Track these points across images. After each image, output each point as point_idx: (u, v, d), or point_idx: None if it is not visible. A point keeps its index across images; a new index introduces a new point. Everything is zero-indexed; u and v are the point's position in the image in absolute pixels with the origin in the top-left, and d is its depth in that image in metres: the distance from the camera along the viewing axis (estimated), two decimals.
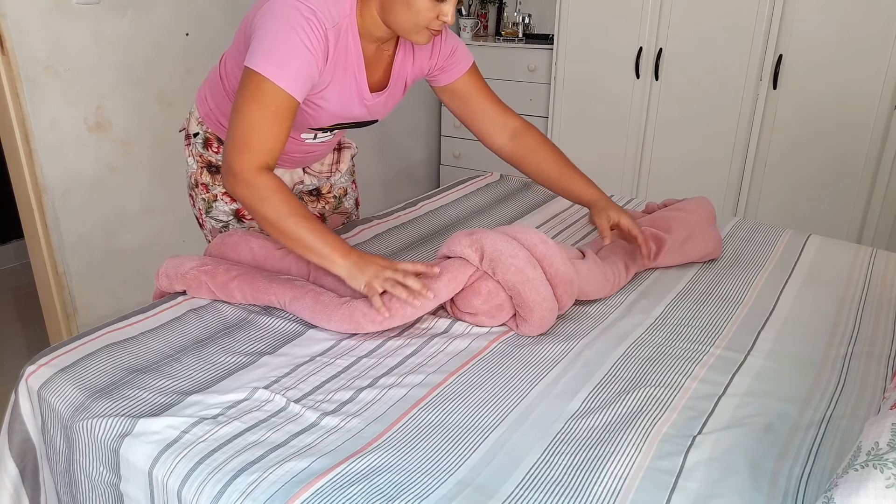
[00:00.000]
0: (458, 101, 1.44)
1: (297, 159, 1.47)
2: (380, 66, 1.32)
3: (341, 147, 1.62)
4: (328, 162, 1.58)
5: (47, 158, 2.00)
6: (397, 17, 1.16)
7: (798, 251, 1.58)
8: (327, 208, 1.64)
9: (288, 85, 1.12)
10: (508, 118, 1.47)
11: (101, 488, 0.94)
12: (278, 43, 1.11)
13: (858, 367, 1.12)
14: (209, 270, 1.23)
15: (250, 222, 1.48)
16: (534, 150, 1.45)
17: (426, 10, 1.13)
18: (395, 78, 1.34)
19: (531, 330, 1.17)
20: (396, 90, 1.37)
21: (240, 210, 1.47)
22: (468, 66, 1.41)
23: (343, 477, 0.83)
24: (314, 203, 1.63)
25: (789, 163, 2.71)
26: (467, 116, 1.46)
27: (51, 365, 1.04)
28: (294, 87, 1.13)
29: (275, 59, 1.11)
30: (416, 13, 1.13)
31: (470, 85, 1.42)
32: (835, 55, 2.51)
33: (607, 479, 0.84)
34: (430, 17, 1.14)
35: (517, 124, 1.47)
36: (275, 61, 1.11)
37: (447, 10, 1.14)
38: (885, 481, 0.66)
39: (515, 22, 3.39)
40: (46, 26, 1.93)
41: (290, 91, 1.13)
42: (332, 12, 1.15)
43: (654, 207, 1.72)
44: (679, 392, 1.03)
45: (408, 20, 1.15)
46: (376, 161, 3.38)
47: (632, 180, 3.07)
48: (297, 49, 1.11)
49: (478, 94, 1.44)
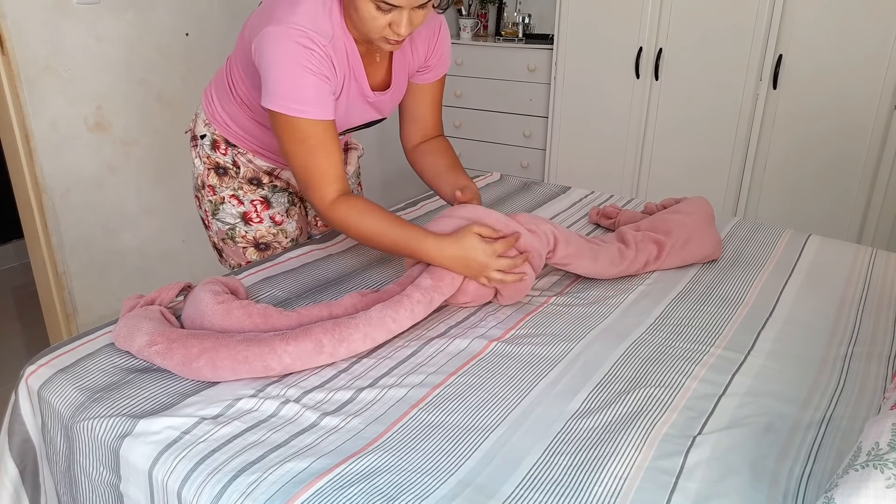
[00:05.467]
0: (412, 96, 1.45)
1: None
2: (381, 66, 1.32)
3: (348, 148, 1.63)
4: None
5: (47, 158, 2.00)
6: (355, 26, 1.18)
7: (798, 251, 1.58)
8: None
9: (314, 113, 1.16)
10: (434, 129, 1.50)
11: (101, 489, 0.94)
12: (287, 79, 1.14)
13: (858, 367, 1.12)
14: (161, 350, 1.02)
15: (258, 225, 1.47)
16: (433, 149, 1.48)
17: (373, 19, 1.12)
18: (397, 74, 1.36)
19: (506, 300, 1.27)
20: (400, 85, 1.38)
21: (247, 213, 1.46)
22: (441, 74, 1.44)
23: (343, 477, 0.83)
24: None
25: (789, 163, 2.71)
26: (409, 110, 1.47)
27: (51, 365, 1.04)
28: (320, 111, 1.17)
29: (291, 96, 1.14)
30: (364, 22, 1.14)
31: (431, 89, 1.45)
32: (835, 55, 2.51)
33: (607, 479, 0.84)
34: (380, 26, 1.13)
35: (436, 135, 1.51)
36: (292, 97, 1.14)
37: (399, 19, 1.13)
38: (885, 481, 0.66)
39: (515, 22, 3.39)
40: (46, 26, 1.93)
41: (319, 117, 1.17)
42: (323, 25, 1.16)
43: (652, 208, 1.72)
44: (679, 392, 1.03)
45: (363, 29, 1.16)
46: (377, 161, 3.38)
47: (632, 180, 3.07)
48: (308, 78, 1.14)
49: (430, 100, 1.46)
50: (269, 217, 1.48)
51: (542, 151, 3.32)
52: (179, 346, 1.01)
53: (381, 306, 1.12)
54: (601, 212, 1.75)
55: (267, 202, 1.47)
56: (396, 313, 1.11)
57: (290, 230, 1.53)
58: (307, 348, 1.03)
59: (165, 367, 1.02)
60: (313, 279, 1.36)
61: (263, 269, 1.38)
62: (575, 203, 1.90)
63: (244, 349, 1.00)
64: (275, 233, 1.50)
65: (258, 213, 1.47)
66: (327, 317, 1.16)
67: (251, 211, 1.46)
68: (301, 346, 1.03)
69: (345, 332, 1.06)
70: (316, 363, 1.05)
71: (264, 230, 1.48)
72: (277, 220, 1.50)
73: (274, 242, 1.51)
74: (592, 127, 3.08)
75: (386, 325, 1.10)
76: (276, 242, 1.51)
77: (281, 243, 1.52)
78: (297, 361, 1.03)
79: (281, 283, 1.33)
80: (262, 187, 1.46)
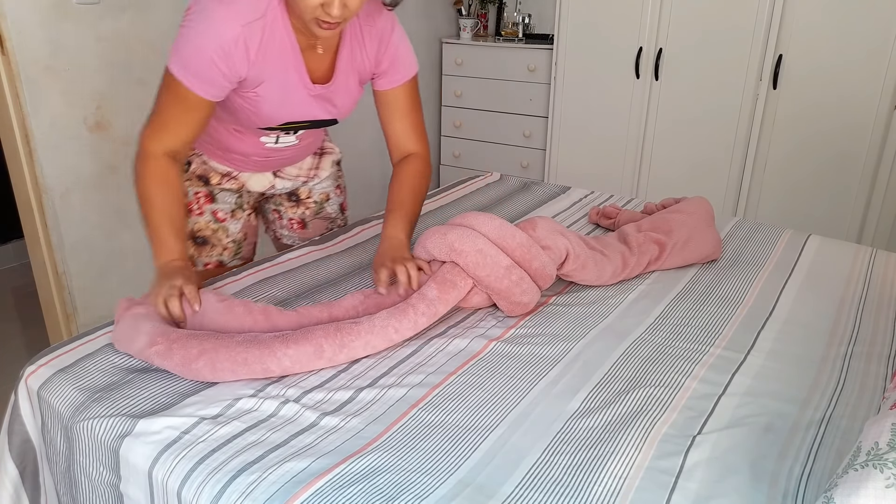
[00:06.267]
0: (381, 108, 1.40)
1: (261, 163, 1.44)
2: (324, 58, 1.27)
3: (323, 152, 1.59)
4: (307, 166, 1.56)
5: (47, 158, 2.00)
6: (291, 9, 1.16)
7: (798, 251, 1.58)
8: (307, 213, 1.61)
9: (196, 86, 1.15)
10: (411, 143, 1.41)
11: (101, 489, 0.94)
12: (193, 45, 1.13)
13: (858, 367, 1.12)
14: (161, 351, 1.02)
15: (197, 217, 1.46)
16: (398, 177, 1.39)
17: None
18: (342, 71, 1.30)
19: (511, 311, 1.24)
20: (347, 84, 1.32)
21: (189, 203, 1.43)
22: (406, 79, 1.36)
23: (343, 477, 0.83)
24: (294, 208, 1.60)
25: (789, 163, 2.71)
26: (384, 126, 1.41)
27: (50, 365, 1.04)
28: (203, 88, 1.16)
29: (183, 62, 1.14)
30: (298, 2, 1.10)
31: (398, 98, 1.37)
32: (835, 55, 2.51)
33: (607, 479, 0.84)
34: (311, 5, 1.09)
35: (413, 152, 1.41)
36: (182, 63, 1.14)
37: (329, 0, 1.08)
38: (884, 481, 0.66)
39: (515, 22, 3.39)
40: (46, 26, 1.93)
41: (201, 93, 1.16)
42: (256, 4, 1.14)
43: (652, 208, 1.72)
44: (679, 392, 1.03)
45: (296, 8, 1.12)
46: (376, 161, 3.38)
47: (632, 180, 3.07)
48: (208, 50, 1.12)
49: (399, 110, 1.38)
50: (211, 212, 1.46)
51: (542, 151, 3.32)
52: (179, 347, 1.01)
53: (385, 314, 1.12)
54: (601, 212, 1.75)
55: (211, 197, 1.46)
56: (400, 323, 1.11)
57: (231, 230, 1.50)
58: (307, 352, 1.03)
59: (165, 367, 1.02)
60: (313, 279, 1.36)
61: (263, 269, 1.38)
62: (575, 203, 1.90)
63: (244, 351, 1.00)
64: (215, 228, 1.47)
65: (200, 205, 1.45)
66: (327, 318, 1.16)
67: (192, 202, 1.45)
68: (301, 350, 1.03)
69: (346, 338, 1.06)
70: (315, 367, 1.05)
71: (203, 223, 1.46)
72: (220, 216, 1.47)
73: (213, 238, 1.48)
74: (592, 127, 3.08)
75: (388, 335, 1.10)
76: (216, 239, 1.48)
77: (221, 241, 1.49)
78: (297, 365, 1.03)
79: (280, 283, 1.33)
80: (208, 185, 1.45)
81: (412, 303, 1.15)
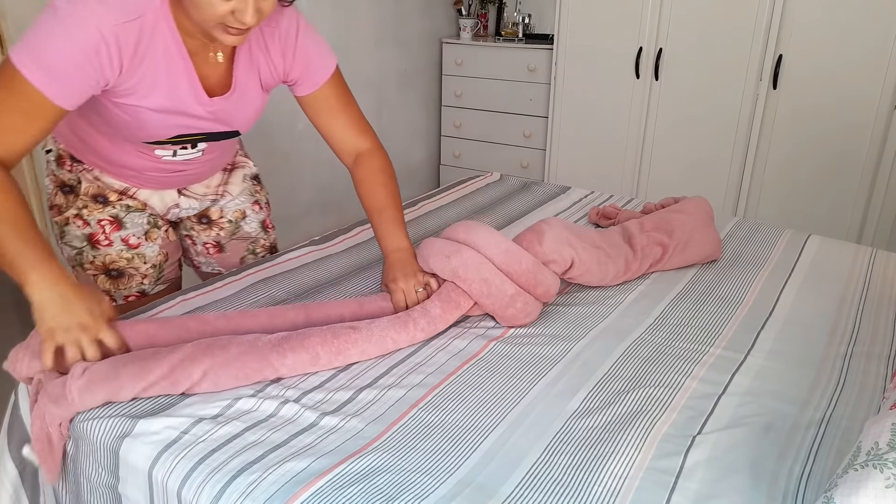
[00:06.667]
0: (310, 113, 1.29)
1: (161, 179, 1.29)
2: (220, 67, 1.15)
3: (234, 167, 1.44)
4: (214, 184, 1.40)
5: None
6: (190, 13, 1.02)
7: (798, 251, 1.58)
8: (222, 234, 1.45)
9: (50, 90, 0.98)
10: (357, 140, 1.31)
11: (100, 490, 0.94)
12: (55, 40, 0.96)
13: (858, 367, 1.12)
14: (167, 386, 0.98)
15: (106, 249, 1.29)
16: (363, 181, 1.31)
17: (211, 6, 0.97)
18: (241, 81, 1.17)
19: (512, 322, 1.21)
20: (248, 94, 1.19)
21: (93, 235, 1.28)
22: (326, 78, 1.25)
23: (343, 477, 0.83)
24: (206, 231, 1.43)
25: (789, 163, 2.71)
26: (321, 130, 1.31)
27: None
28: (60, 93, 0.98)
29: (37, 59, 0.96)
30: (201, 9, 0.98)
31: (324, 97, 1.26)
32: (835, 55, 2.51)
33: (607, 479, 0.84)
34: (220, 13, 0.98)
35: (363, 149, 1.31)
36: (36, 60, 0.96)
37: (243, 6, 0.97)
38: (884, 481, 0.66)
39: (515, 22, 3.40)
40: None
41: (53, 97, 0.98)
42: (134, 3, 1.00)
43: (651, 208, 1.72)
44: (679, 392, 1.03)
45: (198, 16, 1.00)
46: None
47: (632, 180, 3.07)
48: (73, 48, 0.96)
49: (328, 109, 1.28)
50: (121, 239, 1.30)
51: (541, 151, 3.32)
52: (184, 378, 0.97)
53: (385, 323, 1.12)
54: (601, 212, 1.75)
55: (118, 222, 1.29)
56: (398, 335, 1.12)
57: (149, 254, 1.34)
58: (303, 360, 1.04)
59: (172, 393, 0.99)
60: (312, 279, 1.36)
61: (263, 269, 1.38)
62: (575, 203, 1.90)
63: (242, 366, 1.01)
64: (129, 257, 1.31)
65: (106, 234, 1.28)
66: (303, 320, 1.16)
67: (98, 232, 1.28)
68: (298, 358, 1.04)
69: (343, 345, 1.07)
70: (311, 371, 1.06)
71: (114, 254, 1.30)
72: (132, 242, 1.31)
73: (129, 268, 1.32)
74: (592, 127, 3.09)
75: (385, 345, 1.11)
76: (133, 268, 1.32)
77: (139, 269, 1.33)
78: (293, 373, 1.04)
79: (280, 283, 1.33)
80: (109, 205, 1.28)
81: (414, 317, 1.15)
